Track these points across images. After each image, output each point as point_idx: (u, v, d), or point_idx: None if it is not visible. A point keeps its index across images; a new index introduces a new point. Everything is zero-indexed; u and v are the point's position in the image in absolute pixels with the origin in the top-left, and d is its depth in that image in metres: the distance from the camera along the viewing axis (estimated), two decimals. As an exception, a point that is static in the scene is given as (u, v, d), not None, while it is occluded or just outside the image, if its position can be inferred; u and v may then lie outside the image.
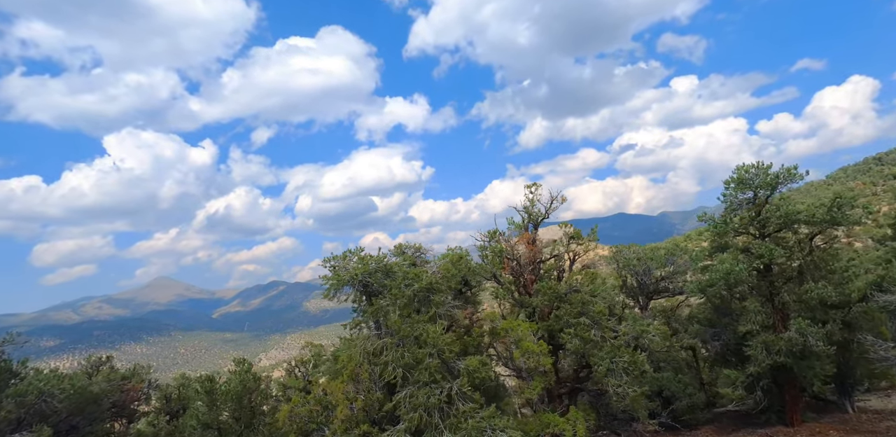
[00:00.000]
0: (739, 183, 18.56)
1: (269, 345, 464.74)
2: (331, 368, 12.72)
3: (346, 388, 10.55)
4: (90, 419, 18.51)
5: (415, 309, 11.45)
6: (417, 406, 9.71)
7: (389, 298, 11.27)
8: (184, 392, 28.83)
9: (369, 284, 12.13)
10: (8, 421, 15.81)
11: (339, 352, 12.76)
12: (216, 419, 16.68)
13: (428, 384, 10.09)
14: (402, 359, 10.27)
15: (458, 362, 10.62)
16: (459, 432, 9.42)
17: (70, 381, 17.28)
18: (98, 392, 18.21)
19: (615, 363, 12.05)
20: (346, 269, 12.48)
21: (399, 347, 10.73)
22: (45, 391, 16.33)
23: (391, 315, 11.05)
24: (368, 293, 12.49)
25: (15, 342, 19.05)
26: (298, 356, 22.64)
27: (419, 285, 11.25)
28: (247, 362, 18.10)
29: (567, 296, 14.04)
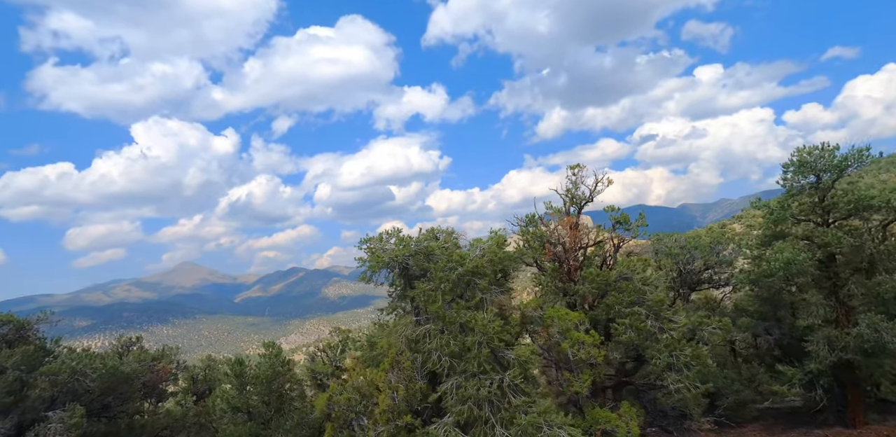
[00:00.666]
0: (800, 166, 17.10)
1: (289, 330, 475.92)
2: (367, 355, 12.10)
3: (387, 376, 9.89)
4: (122, 399, 18.50)
5: (457, 294, 10.67)
6: (466, 398, 9.00)
7: (432, 281, 10.50)
8: (210, 374, 29.06)
9: (409, 267, 11.38)
10: (42, 399, 15.81)
11: (376, 338, 12.12)
12: (246, 402, 16.40)
13: (476, 374, 9.36)
14: (448, 347, 9.54)
15: (507, 352, 9.85)
16: (513, 427, 8.69)
17: (102, 360, 17.20)
18: (129, 372, 18.13)
19: (675, 357, 11.12)
20: (385, 250, 11.73)
21: (442, 334, 9.99)
22: (78, 370, 16.25)
23: (435, 300, 10.29)
24: (408, 277, 11.75)
25: (49, 321, 19.08)
26: (326, 342, 22.28)
27: (464, 268, 10.44)
28: (276, 345, 17.74)
29: (617, 284, 13.06)
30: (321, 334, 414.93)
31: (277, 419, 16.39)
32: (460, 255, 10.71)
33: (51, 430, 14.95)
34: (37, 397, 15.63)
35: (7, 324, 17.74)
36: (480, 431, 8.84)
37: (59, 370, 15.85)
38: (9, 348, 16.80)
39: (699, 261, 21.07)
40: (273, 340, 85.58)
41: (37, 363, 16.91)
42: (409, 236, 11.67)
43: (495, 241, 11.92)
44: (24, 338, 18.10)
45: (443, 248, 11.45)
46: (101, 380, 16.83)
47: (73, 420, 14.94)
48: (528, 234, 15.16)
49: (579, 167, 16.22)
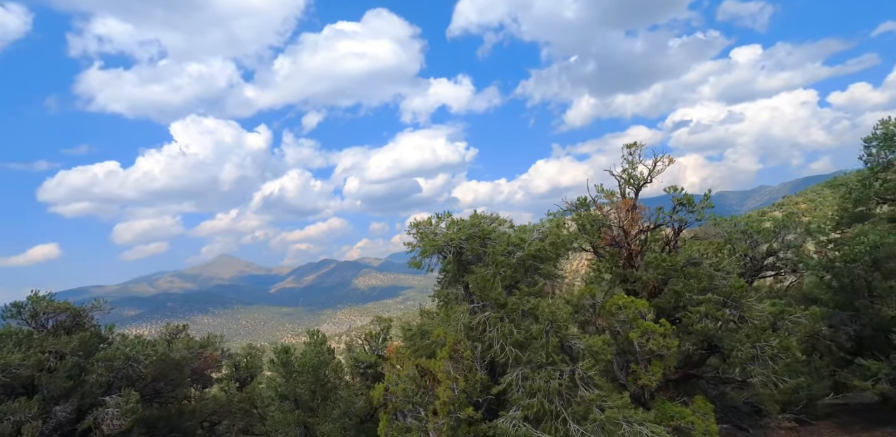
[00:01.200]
0: (886, 140, 15.42)
1: (322, 319, 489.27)
2: (418, 344, 11.60)
3: (445, 366, 9.33)
4: (173, 385, 18.84)
5: (516, 280, 9.96)
6: (535, 391, 8.34)
7: (490, 266, 9.82)
8: (251, 361, 29.60)
9: (463, 250, 10.73)
10: (99, 384, 16.19)
11: (427, 326, 11.59)
12: (293, 390, 16.31)
13: (543, 365, 8.68)
14: (512, 336, 8.88)
15: (575, 342, 9.10)
16: (587, 423, 7.98)
17: (153, 347, 17.48)
18: (179, 359, 18.41)
19: (759, 349, 10.09)
20: (437, 234, 11.11)
21: (502, 322, 9.33)
22: (132, 357, 16.54)
23: (494, 286, 9.61)
24: (462, 262, 11.12)
25: (102, 309, 19.55)
26: (367, 330, 22.07)
27: (526, 252, 9.71)
28: (320, 334, 17.56)
29: (685, 269, 12.03)
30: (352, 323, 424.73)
31: (324, 407, 16.25)
32: (520, 238, 9.97)
33: (108, 414, 15.28)
34: (94, 382, 16.00)
35: (64, 312, 18.24)
36: (551, 426, 8.18)
37: (114, 357, 16.17)
38: (67, 335, 17.28)
39: (762, 246, 19.58)
40: (309, 327, 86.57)
41: (93, 349, 17.35)
42: (462, 218, 11.00)
43: (555, 223, 11.10)
44: (80, 325, 18.61)
45: (499, 231, 10.72)
46: (153, 366, 17.12)
47: (129, 405, 15.21)
48: (583, 217, 14.23)
49: (636, 146, 15.10)
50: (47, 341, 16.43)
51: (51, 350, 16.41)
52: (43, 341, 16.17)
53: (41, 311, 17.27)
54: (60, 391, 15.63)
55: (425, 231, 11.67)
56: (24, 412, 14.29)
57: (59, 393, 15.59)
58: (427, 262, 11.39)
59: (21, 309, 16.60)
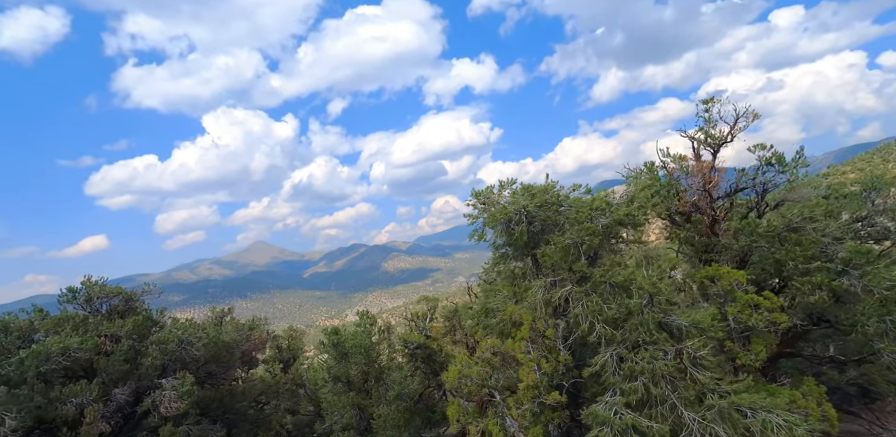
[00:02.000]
0: None
1: (354, 302, 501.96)
2: (483, 323, 10.68)
3: (524, 347, 8.37)
4: (225, 367, 18.81)
5: (595, 249, 8.81)
6: (636, 373, 7.31)
7: (571, 234, 8.68)
8: (293, 343, 29.81)
9: (535, 218, 9.61)
10: (154, 367, 16.19)
11: (492, 304, 10.62)
12: (346, 372, 15.86)
13: (641, 345, 7.60)
14: (603, 312, 7.81)
15: (676, 318, 7.95)
16: (701, 409, 6.92)
17: (205, 330, 17.33)
18: (229, 341, 18.29)
19: (889, 323, 8.70)
20: (504, 202, 10.01)
21: (588, 296, 8.24)
22: (185, 340, 16.43)
23: (577, 257, 8.49)
24: (531, 232, 10.01)
25: (152, 293, 19.55)
26: (414, 311, 21.44)
27: (613, 217, 8.51)
28: (371, 315, 16.98)
29: (783, 235, 10.56)
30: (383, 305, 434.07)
31: (377, 389, 15.77)
32: (606, 202, 8.76)
33: (166, 397, 15.23)
34: (149, 364, 15.98)
35: (117, 296, 18.24)
36: (656, 413, 7.16)
37: (168, 340, 16.07)
38: (120, 319, 17.29)
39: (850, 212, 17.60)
40: (340, 312, 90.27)
41: (146, 333, 17.35)
42: (531, 184, 9.84)
43: (640, 185, 9.79)
44: (133, 309, 18.66)
45: (574, 197, 9.52)
46: (205, 349, 17.03)
47: (186, 388, 15.10)
48: (656, 181, 12.81)
49: (714, 102, 13.42)
50: (102, 325, 16.45)
51: (106, 334, 16.43)
52: (98, 325, 16.19)
53: (95, 296, 17.30)
54: (118, 374, 15.66)
55: (490, 200, 10.60)
56: (85, 395, 14.34)
57: (117, 376, 15.62)
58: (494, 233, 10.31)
59: (76, 294, 16.63)
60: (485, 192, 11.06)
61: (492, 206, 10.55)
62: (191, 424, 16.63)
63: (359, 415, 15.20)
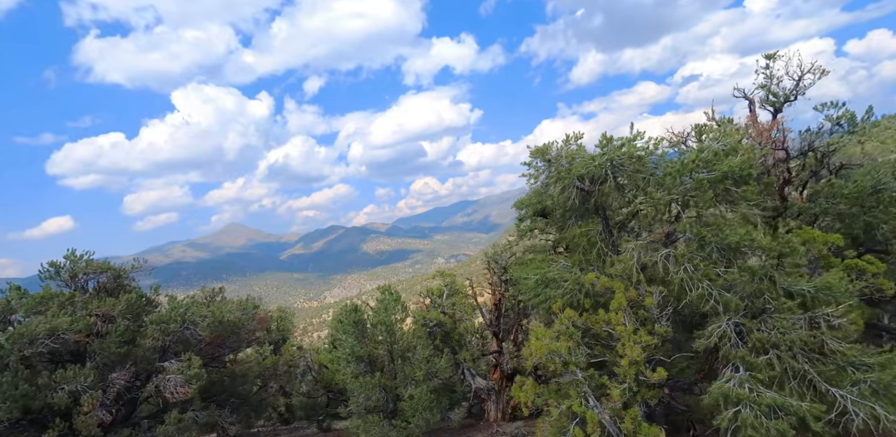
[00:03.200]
0: None
1: (332, 284, 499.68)
2: (547, 294, 9.57)
3: (619, 319, 7.31)
4: (231, 349, 17.38)
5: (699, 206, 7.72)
6: (768, 345, 6.36)
7: (669, 189, 7.54)
8: (282, 324, 28.44)
9: (619, 174, 8.42)
10: (154, 349, 14.65)
11: (553, 273, 9.49)
12: (370, 352, 14.68)
13: (763, 313, 6.64)
14: (717, 278, 6.78)
15: (796, 284, 7.00)
16: (846, 385, 6.04)
17: (210, 308, 15.78)
18: (235, 321, 16.78)
19: None
20: (576, 158, 8.78)
21: (693, 259, 7.19)
22: (188, 319, 14.88)
23: (670, 215, 7.39)
24: (601, 191, 8.84)
25: (142, 269, 17.77)
26: (431, 288, 20.30)
27: (718, 171, 7.37)
28: (393, 291, 15.74)
29: (868, 198, 9.73)
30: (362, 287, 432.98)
31: (403, 368, 14.69)
32: (713, 151, 7.61)
33: (171, 381, 13.77)
34: (150, 346, 14.42)
35: (105, 272, 16.41)
36: (788, 390, 6.26)
37: (170, 319, 14.50)
38: (111, 297, 15.55)
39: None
40: (319, 293, 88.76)
41: (141, 312, 15.67)
42: (611, 136, 8.60)
43: (732, 132, 8.64)
44: (122, 287, 16.88)
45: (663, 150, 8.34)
46: (210, 329, 15.54)
47: (193, 371, 13.66)
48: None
49: (774, 57, 12.34)
50: (92, 303, 14.70)
51: (98, 313, 14.72)
52: (88, 304, 14.46)
53: (80, 271, 15.44)
54: (114, 358, 14.06)
55: (554, 157, 9.35)
56: (80, 381, 12.76)
57: (114, 359, 14.03)
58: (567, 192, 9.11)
59: (59, 269, 14.77)
60: (544, 148, 9.79)
61: (561, 161, 9.30)
62: (197, 409, 15.27)
63: (386, 397, 14.13)
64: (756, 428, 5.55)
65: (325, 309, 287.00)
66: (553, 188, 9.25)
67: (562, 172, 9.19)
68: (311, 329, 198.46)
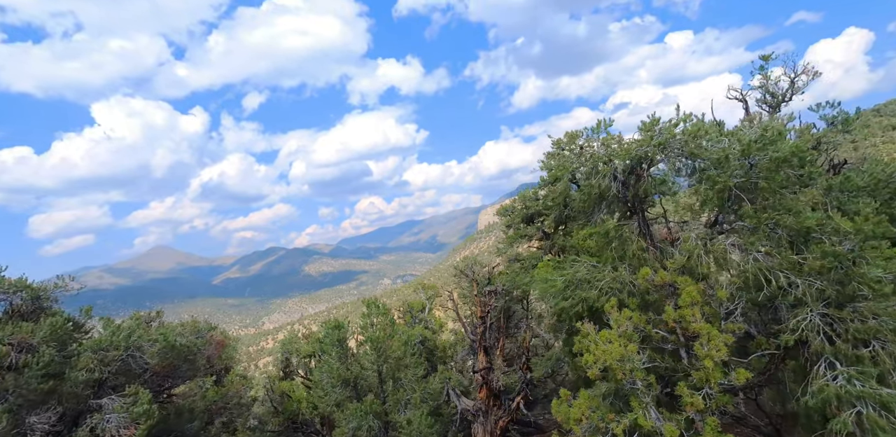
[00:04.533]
0: None
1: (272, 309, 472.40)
2: (581, 296, 8.62)
3: (692, 316, 6.49)
4: (183, 379, 14.74)
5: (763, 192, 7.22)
6: (868, 337, 5.72)
7: (730, 172, 6.96)
8: (225, 352, 25.43)
9: (651, 163, 7.80)
10: (88, 383, 11.92)
11: (581, 274, 8.60)
12: (356, 373, 12.89)
13: (849, 302, 6.06)
14: (797, 266, 6.16)
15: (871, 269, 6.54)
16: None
17: (161, 332, 13.26)
18: (189, 346, 14.27)
19: None
20: (610, 145, 8.11)
21: (769, 247, 6.58)
22: (133, 345, 12.32)
23: (737, 200, 6.80)
24: (638, 178, 8.21)
25: (68, 289, 14.90)
26: (410, 302, 18.81)
27: (783, 151, 6.90)
28: (380, 305, 14.11)
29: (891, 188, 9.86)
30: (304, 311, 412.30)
31: (396, 392, 13.00)
32: (777, 129, 7.16)
33: (111, 421, 11.16)
34: (82, 380, 11.71)
35: (19, 291, 13.50)
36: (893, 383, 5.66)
37: (111, 345, 11.91)
38: (28, 322, 12.70)
39: None
40: (256, 319, 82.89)
41: (68, 339, 12.89)
42: (658, 117, 7.99)
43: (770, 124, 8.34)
44: (42, 309, 13.94)
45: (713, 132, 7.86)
46: (160, 356, 13.00)
47: (141, 407, 11.17)
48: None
49: (767, 59, 12.70)
50: (5, 329, 11.84)
51: (12, 342, 11.86)
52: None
53: (-11, 290, 12.53)
54: (35, 396, 11.26)
55: (578, 148, 8.65)
56: (-14, 429, 9.96)
57: (34, 398, 11.22)
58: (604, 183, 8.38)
59: (-40, 288, 11.82)
60: (574, 134, 9.07)
61: (594, 147, 8.58)
62: (140, 455, 12.57)
63: (378, 424, 12.34)
64: (885, 430, 4.86)
65: (264, 336, 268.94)
66: (589, 178, 8.46)
67: (599, 158, 8.43)
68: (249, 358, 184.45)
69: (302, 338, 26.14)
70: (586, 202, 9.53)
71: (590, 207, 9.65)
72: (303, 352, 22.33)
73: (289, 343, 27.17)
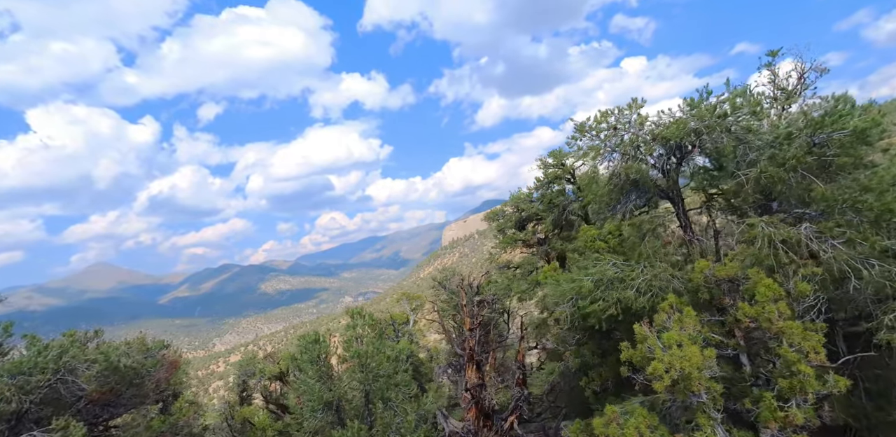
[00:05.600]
0: None
1: (224, 330, 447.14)
2: (614, 296, 7.54)
3: (777, 312, 5.52)
4: (127, 407, 12.37)
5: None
6: None
7: (792, 156, 6.18)
8: (175, 376, 22.76)
9: (707, 140, 6.98)
10: (2, 416, 9.53)
11: (610, 273, 7.57)
12: (341, 395, 11.14)
13: None
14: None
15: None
16: None
17: (101, 351, 11.01)
18: (135, 367, 12.00)
19: None
20: (643, 125, 7.26)
21: (851, 234, 5.77)
22: (64, 366, 10.06)
23: (805, 187, 6.00)
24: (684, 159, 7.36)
25: (-15, 302, 12.48)
26: (392, 314, 17.22)
27: (851, 128, 6.18)
28: (366, 314, 12.49)
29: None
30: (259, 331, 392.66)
31: (385, 414, 11.32)
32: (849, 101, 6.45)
33: (30, 465, 8.87)
34: (-4, 413, 9.36)
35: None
36: None
37: (35, 367, 9.63)
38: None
39: None
40: (207, 341, 77.38)
41: (-20, 362, 10.48)
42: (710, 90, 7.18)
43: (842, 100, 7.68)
44: (-51, 327, 11.51)
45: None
46: (99, 380, 10.71)
47: (73, 446, 8.96)
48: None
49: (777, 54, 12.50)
50: None
51: None
52: None
53: None
54: (-73, 436, 8.86)
55: (610, 127, 7.78)
56: None
57: (-74, 439, 8.81)
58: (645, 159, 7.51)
59: None
60: (605, 113, 8.19)
61: (629, 128, 7.69)
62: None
63: (366, 455, 10.59)
64: None
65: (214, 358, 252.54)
66: (626, 161, 7.50)
67: (634, 140, 7.50)
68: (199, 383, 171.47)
69: (263, 358, 23.69)
70: (613, 192, 8.54)
71: (614, 199, 8.67)
72: (267, 373, 20.03)
73: (247, 364, 24.58)
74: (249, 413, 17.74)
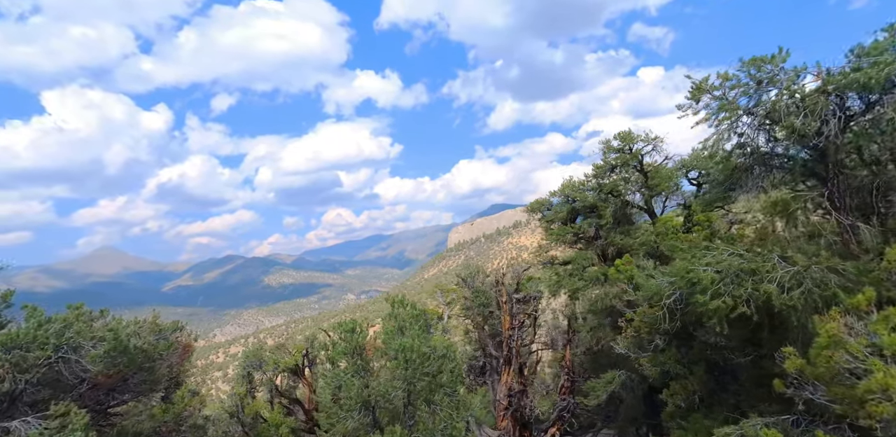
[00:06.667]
0: None
1: (225, 320, 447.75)
2: (766, 290, 5.98)
3: None
4: (136, 393, 10.92)
5: None
6: None
7: None
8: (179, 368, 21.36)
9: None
10: (-7, 397, 8.14)
11: (761, 263, 5.99)
12: (382, 393, 9.61)
13: None
14: None
15: None
16: None
17: (109, 328, 9.58)
18: (147, 349, 10.56)
19: None
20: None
21: None
22: (67, 343, 8.64)
23: None
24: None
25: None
26: (425, 308, 15.63)
27: None
28: (411, 305, 10.98)
29: None
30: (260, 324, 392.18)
31: (431, 418, 9.78)
32: None
33: (21, 456, 7.43)
34: (-16, 393, 7.95)
35: None
36: None
37: (32, 342, 8.21)
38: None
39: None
40: (208, 331, 76.19)
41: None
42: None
43: None
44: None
45: None
46: (105, 361, 9.28)
47: (74, 434, 7.51)
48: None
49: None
50: None
51: None
52: None
53: None
54: None
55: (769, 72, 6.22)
56: None
57: None
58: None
59: None
60: (752, 61, 6.63)
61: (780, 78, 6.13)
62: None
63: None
64: None
65: (214, 349, 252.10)
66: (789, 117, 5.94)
67: (790, 91, 5.95)
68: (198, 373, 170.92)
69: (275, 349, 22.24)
70: (738, 169, 6.98)
71: (736, 176, 7.08)
72: (282, 365, 18.54)
73: (254, 355, 23.11)
74: (261, 408, 16.28)
